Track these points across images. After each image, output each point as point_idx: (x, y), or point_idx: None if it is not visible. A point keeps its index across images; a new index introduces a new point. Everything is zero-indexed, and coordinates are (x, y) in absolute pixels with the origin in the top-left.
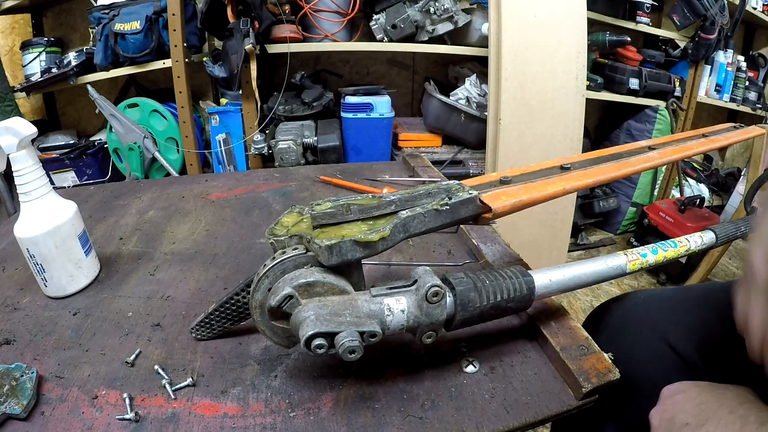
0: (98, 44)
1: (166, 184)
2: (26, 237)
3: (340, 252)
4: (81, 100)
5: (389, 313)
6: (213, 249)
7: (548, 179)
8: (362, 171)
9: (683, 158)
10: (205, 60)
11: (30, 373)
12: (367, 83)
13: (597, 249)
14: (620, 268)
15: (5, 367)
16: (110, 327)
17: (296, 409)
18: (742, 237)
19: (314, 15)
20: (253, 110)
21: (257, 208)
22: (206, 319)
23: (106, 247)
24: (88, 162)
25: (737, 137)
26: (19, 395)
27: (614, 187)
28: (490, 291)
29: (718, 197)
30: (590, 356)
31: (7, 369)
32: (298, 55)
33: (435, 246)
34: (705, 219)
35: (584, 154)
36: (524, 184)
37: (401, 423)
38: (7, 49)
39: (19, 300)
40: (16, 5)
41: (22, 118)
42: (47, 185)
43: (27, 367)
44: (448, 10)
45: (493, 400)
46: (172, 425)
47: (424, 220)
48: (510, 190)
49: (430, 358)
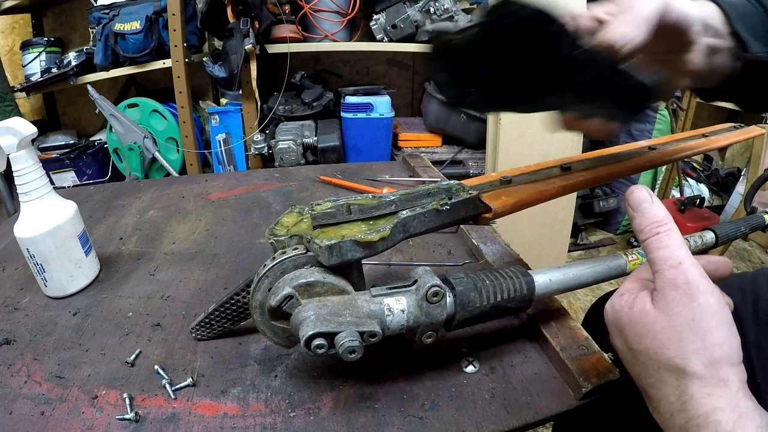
0: (98, 44)
1: (166, 184)
2: (26, 237)
3: (340, 252)
4: (81, 100)
5: (389, 313)
6: (213, 249)
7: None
8: (362, 171)
9: (683, 158)
10: (205, 60)
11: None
12: (367, 83)
13: (597, 249)
14: (620, 268)
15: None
16: (110, 327)
17: (296, 409)
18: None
19: (314, 15)
20: (253, 110)
21: (257, 208)
22: (206, 319)
23: (106, 247)
24: (88, 162)
25: (737, 137)
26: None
27: (614, 187)
28: (491, 291)
29: (718, 197)
30: (590, 356)
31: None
32: (298, 55)
33: (435, 246)
34: (705, 219)
35: (584, 154)
36: (524, 184)
37: (401, 423)
38: (7, 49)
39: (19, 300)
40: (16, 5)
41: (22, 118)
42: (47, 185)
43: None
44: (448, 10)
45: (493, 400)
46: (172, 425)
47: (424, 220)
48: (510, 190)
49: (430, 358)
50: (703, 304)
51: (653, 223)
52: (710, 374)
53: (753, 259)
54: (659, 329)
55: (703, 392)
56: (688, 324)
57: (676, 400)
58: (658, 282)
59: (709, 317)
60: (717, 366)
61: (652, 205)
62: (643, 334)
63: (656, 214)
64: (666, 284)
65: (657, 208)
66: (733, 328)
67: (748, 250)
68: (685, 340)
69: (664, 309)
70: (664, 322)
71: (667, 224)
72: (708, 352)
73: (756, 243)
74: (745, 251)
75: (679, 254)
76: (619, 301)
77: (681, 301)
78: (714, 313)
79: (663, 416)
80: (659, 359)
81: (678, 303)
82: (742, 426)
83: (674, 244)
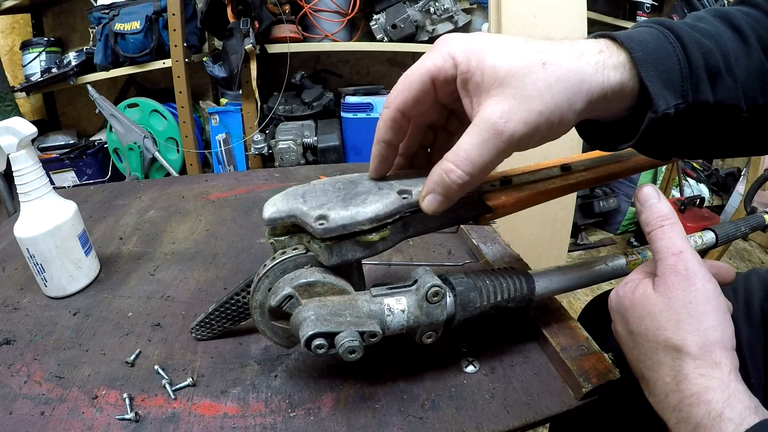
0: (98, 44)
1: (166, 184)
2: (26, 237)
3: (340, 252)
4: (81, 100)
5: (389, 313)
6: (213, 249)
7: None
8: (362, 171)
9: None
10: (205, 60)
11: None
12: (367, 83)
13: (597, 249)
14: (620, 268)
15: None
16: (110, 327)
17: (296, 409)
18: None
19: (314, 15)
20: (253, 110)
21: (257, 208)
22: (206, 319)
23: (106, 247)
24: (88, 162)
25: None
26: None
27: (614, 187)
28: (491, 291)
29: (718, 197)
30: (590, 356)
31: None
32: (298, 55)
33: (435, 246)
34: (705, 219)
35: (584, 154)
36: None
37: (401, 423)
38: (7, 49)
39: (19, 300)
40: (16, 5)
41: (22, 118)
42: (47, 185)
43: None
44: (448, 10)
45: (493, 400)
46: (172, 425)
47: (424, 220)
48: (510, 190)
49: (430, 358)
50: (700, 289)
51: (659, 217)
52: (704, 356)
53: (753, 259)
54: (658, 311)
55: (697, 373)
56: (686, 307)
57: (671, 381)
58: (660, 269)
59: (705, 302)
60: (711, 348)
61: (659, 201)
62: (643, 316)
63: (662, 210)
64: (667, 270)
65: (663, 205)
66: (728, 316)
67: (748, 250)
68: (681, 322)
69: (664, 292)
70: (663, 304)
71: (672, 219)
72: (703, 334)
73: (756, 243)
74: (745, 251)
75: (681, 244)
76: (623, 288)
77: (680, 285)
78: (710, 299)
79: (658, 398)
80: (657, 340)
81: (677, 287)
82: (731, 406)
83: (677, 236)
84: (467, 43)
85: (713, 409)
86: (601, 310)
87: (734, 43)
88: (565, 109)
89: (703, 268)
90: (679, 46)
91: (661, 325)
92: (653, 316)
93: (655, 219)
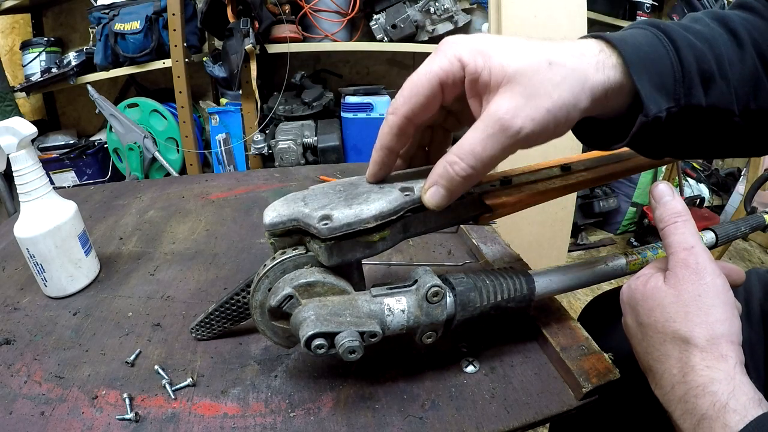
0: (98, 44)
1: (166, 184)
2: (26, 237)
3: (340, 252)
4: (81, 100)
5: (389, 313)
6: (213, 249)
7: (548, 179)
8: (362, 171)
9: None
10: (205, 60)
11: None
12: (367, 83)
13: (597, 249)
14: (620, 268)
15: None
16: (110, 327)
17: (296, 409)
18: (742, 237)
19: (314, 15)
20: (253, 110)
21: (257, 208)
22: (206, 319)
23: (106, 247)
24: (88, 162)
25: None
26: None
27: (614, 187)
28: (491, 291)
29: (718, 197)
30: (590, 356)
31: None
32: (298, 55)
33: (435, 246)
34: (705, 219)
35: (584, 154)
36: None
37: (401, 423)
38: (7, 49)
39: (19, 300)
40: (16, 5)
41: (22, 118)
42: (47, 185)
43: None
44: (448, 10)
45: (493, 400)
46: (172, 425)
47: (424, 220)
48: (510, 190)
49: (430, 358)
50: (709, 283)
51: (673, 214)
52: (711, 348)
53: (753, 259)
54: (668, 303)
55: (703, 364)
56: (695, 300)
57: (677, 372)
58: (671, 262)
59: (714, 296)
60: (718, 341)
61: (673, 198)
62: (653, 308)
63: (676, 207)
64: (678, 263)
65: (677, 202)
66: (735, 311)
67: (748, 250)
68: (690, 314)
69: (674, 285)
70: (673, 297)
71: (685, 216)
72: (710, 326)
73: (756, 243)
74: (745, 251)
75: (693, 240)
76: (635, 281)
77: (690, 278)
78: (719, 293)
79: (664, 390)
80: (666, 331)
81: (687, 280)
82: (735, 398)
83: (689, 233)
84: (473, 44)
85: (718, 400)
86: (601, 310)
87: (729, 47)
88: (571, 107)
89: (713, 264)
90: (673, 50)
91: (670, 316)
92: (663, 308)
93: (669, 215)
